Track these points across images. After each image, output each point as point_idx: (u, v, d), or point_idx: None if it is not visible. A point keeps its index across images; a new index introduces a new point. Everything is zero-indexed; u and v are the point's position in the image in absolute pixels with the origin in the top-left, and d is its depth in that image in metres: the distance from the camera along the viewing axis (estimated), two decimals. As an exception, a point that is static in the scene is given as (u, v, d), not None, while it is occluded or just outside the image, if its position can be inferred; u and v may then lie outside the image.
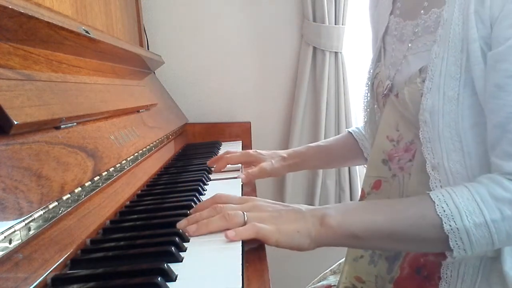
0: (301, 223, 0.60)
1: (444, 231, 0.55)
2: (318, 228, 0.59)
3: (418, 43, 0.68)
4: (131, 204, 0.74)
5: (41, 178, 0.49)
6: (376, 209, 0.62)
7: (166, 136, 1.13)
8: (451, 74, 0.60)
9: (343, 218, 0.59)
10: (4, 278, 0.39)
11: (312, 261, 1.67)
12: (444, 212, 0.55)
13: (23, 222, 0.43)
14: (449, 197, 0.56)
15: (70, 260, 0.50)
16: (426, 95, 0.62)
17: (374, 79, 0.80)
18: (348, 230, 0.59)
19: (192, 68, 1.60)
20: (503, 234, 0.54)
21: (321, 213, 0.60)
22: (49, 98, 0.58)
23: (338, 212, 0.60)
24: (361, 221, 0.59)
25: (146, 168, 0.91)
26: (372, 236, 0.59)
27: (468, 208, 0.55)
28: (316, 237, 0.59)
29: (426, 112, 0.62)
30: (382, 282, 0.76)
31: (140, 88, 1.10)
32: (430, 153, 0.62)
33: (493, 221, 0.54)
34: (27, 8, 0.52)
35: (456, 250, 0.56)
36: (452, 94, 0.60)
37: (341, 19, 1.51)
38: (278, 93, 1.64)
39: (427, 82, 0.62)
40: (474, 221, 0.54)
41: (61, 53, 0.69)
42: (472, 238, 0.54)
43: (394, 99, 0.71)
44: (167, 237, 0.55)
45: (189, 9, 1.57)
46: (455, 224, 0.55)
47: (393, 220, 0.59)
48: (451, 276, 0.64)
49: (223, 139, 1.52)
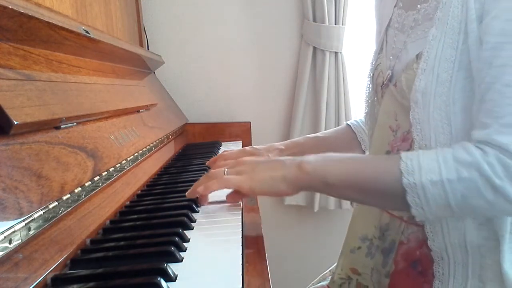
0: (278, 170, 0.64)
1: (403, 185, 0.57)
2: (294, 172, 0.63)
3: (417, 30, 0.68)
4: (131, 204, 0.74)
5: (41, 178, 0.49)
6: (351, 161, 0.65)
7: (166, 136, 1.13)
8: (446, 56, 0.60)
9: (319, 165, 0.63)
10: (4, 278, 0.39)
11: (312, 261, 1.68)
12: (406, 168, 0.57)
13: (23, 222, 0.43)
14: (416, 155, 0.58)
15: (70, 260, 0.50)
16: (419, 76, 0.62)
17: (375, 70, 0.80)
18: (321, 177, 0.62)
19: (192, 68, 1.60)
20: (458, 195, 0.55)
21: (299, 160, 0.64)
22: (49, 98, 0.58)
23: (315, 159, 0.64)
24: (334, 169, 0.63)
25: (146, 168, 0.91)
26: (342, 184, 0.62)
27: (429, 166, 0.56)
28: (292, 180, 0.63)
29: (418, 93, 0.62)
30: (378, 276, 0.76)
31: (140, 88, 1.10)
32: (419, 134, 0.63)
33: (449, 181, 0.55)
34: (27, 8, 0.52)
35: (414, 207, 0.57)
36: (445, 76, 0.60)
37: (341, 19, 1.51)
38: (278, 93, 1.65)
39: (422, 64, 0.62)
40: (431, 178, 0.56)
41: (61, 53, 0.69)
42: (428, 195, 0.56)
43: (393, 89, 0.72)
44: (167, 237, 0.55)
45: (189, 9, 1.57)
46: (413, 179, 0.56)
47: (362, 171, 0.62)
48: (443, 274, 0.64)
49: (223, 139, 1.52)
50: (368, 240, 0.78)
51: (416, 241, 0.69)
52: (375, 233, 0.76)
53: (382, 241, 0.75)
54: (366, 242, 0.79)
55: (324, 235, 1.74)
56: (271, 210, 1.71)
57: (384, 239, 0.75)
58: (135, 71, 1.13)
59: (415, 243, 0.69)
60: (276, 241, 1.71)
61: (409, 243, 0.70)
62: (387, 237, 0.74)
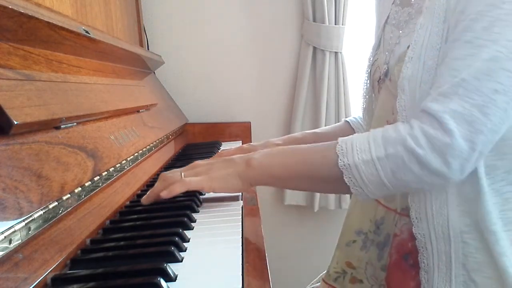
0: (230, 168, 0.69)
1: (338, 167, 0.60)
2: (244, 169, 0.68)
3: (410, 24, 0.70)
4: (131, 204, 0.74)
5: (41, 178, 0.49)
6: (291, 152, 0.69)
7: (166, 136, 1.13)
8: (433, 44, 0.62)
9: (264, 161, 0.68)
10: (4, 278, 0.39)
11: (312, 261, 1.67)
12: (341, 150, 0.60)
13: (23, 222, 0.43)
14: (351, 138, 0.61)
15: (70, 260, 0.50)
16: (407, 64, 0.63)
17: (372, 66, 0.81)
18: (268, 171, 0.67)
19: (192, 68, 1.60)
20: (388, 172, 0.58)
21: (247, 157, 0.69)
22: (49, 98, 0.58)
23: (260, 155, 0.68)
24: (278, 163, 0.67)
25: (146, 168, 0.91)
26: (288, 176, 0.66)
27: (361, 146, 0.59)
28: (244, 176, 0.68)
29: (405, 80, 0.63)
30: (372, 269, 0.76)
31: (140, 88, 1.10)
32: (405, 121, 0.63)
33: (378, 158, 0.58)
34: (27, 8, 0.52)
35: (352, 187, 0.60)
36: (431, 63, 0.61)
37: (341, 19, 1.51)
38: (278, 93, 1.65)
39: (409, 52, 0.63)
40: (362, 158, 0.59)
41: (61, 53, 0.69)
42: (362, 174, 0.59)
43: (388, 83, 0.73)
44: (167, 237, 0.55)
45: (189, 9, 1.57)
46: (347, 160, 0.59)
47: (301, 161, 0.65)
48: (427, 264, 0.65)
49: (223, 139, 1.52)
50: (363, 234, 0.79)
51: (408, 233, 0.69)
52: (370, 227, 0.77)
53: (377, 235, 0.76)
54: (361, 236, 0.79)
55: (324, 235, 1.74)
56: (271, 210, 1.71)
57: (379, 233, 0.75)
58: (135, 71, 1.13)
59: (407, 235, 0.69)
60: (276, 241, 1.71)
61: (402, 235, 0.70)
62: (382, 231, 0.74)
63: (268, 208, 1.69)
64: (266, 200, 1.69)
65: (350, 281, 0.81)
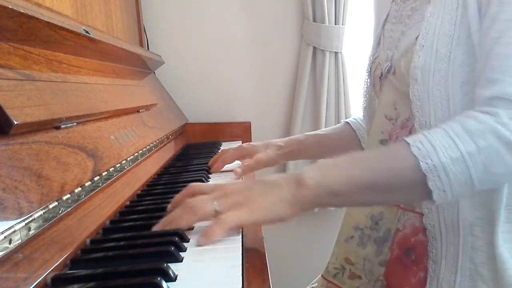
0: (275, 193, 0.57)
1: (421, 170, 0.53)
2: (295, 191, 0.56)
3: (415, 15, 0.69)
4: (131, 204, 0.74)
5: (41, 178, 0.49)
6: (352, 162, 0.59)
7: (166, 136, 1.13)
8: (445, 31, 0.60)
9: (320, 176, 0.57)
10: (4, 278, 0.39)
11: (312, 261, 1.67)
12: (419, 151, 0.54)
13: (23, 222, 0.43)
14: (423, 137, 0.55)
15: (70, 260, 0.50)
16: (418, 52, 0.62)
17: (372, 64, 0.81)
18: (327, 187, 0.56)
19: (192, 68, 1.60)
20: (479, 167, 0.53)
21: (296, 176, 0.58)
22: (49, 98, 0.58)
23: (314, 171, 0.58)
24: (339, 176, 0.57)
25: (146, 168, 0.91)
26: (351, 190, 0.57)
27: (443, 144, 0.53)
28: (295, 201, 0.56)
29: (417, 69, 0.62)
30: (370, 265, 0.76)
31: (140, 88, 1.10)
32: (419, 111, 0.63)
33: (469, 154, 0.52)
34: (27, 8, 0.52)
35: (435, 192, 0.53)
36: (444, 51, 0.60)
37: (341, 19, 1.51)
38: (278, 93, 1.65)
39: (420, 40, 0.62)
40: (450, 156, 0.53)
41: (61, 53, 0.69)
42: (450, 174, 0.53)
43: (392, 78, 0.72)
44: (167, 237, 0.55)
45: (189, 9, 1.57)
46: (431, 161, 0.53)
47: (370, 169, 0.57)
48: (436, 254, 0.64)
49: (223, 139, 1.52)
50: (360, 230, 0.78)
51: (411, 228, 0.69)
52: (366, 223, 0.76)
53: (375, 231, 0.75)
54: (358, 232, 0.79)
55: (324, 235, 1.74)
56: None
57: (377, 228, 0.75)
58: (135, 71, 1.13)
59: (410, 230, 0.69)
60: (276, 241, 1.71)
61: (405, 230, 0.70)
62: (381, 226, 0.74)
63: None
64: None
65: (349, 277, 0.80)
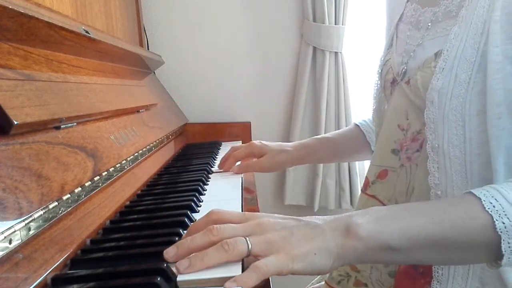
0: (318, 240, 0.48)
1: (495, 230, 0.47)
2: (341, 243, 0.48)
3: (437, 28, 0.66)
4: (131, 204, 0.74)
5: (41, 178, 0.49)
6: (414, 212, 0.51)
7: (166, 136, 1.13)
8: (467, 56, 0.58)
9: (375, 226, 0.49)
10: (4, 278, 0.39)
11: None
12: (494, 208, 0.48)
13: (23, 222, 0.43)
14: (496, 192, 0.49)
15: (70, 260, 0.50)
16: (437, 75, 0.60)
17: (384, 66, 0.79)
18: (382, 241, 0.48)
19: (192, 68, 1.60)
20: None
21: (345, 224, 0.49)
22: (49, 98, 0.58)
23: (367, 219, 0.50)
24: (398, 228, 0.49)
25: (146, 168, 0.91)
26: (412, 245, 0.49)
27: None
28: (340, 253, 0.48)
29: (434, 92, 0.60)
30: (378, 274, 0.75)
31: (140, 88, 1.10)
32: (432, 134, 0.61)
33: None
34: (27, 8, 0.52)
35: (507, 255, 0.47)
36: (464, 77, 0.58)
37: (341, 19, 1.51)
38: (278, 93, 1.65)
39: (441, 62, 0.60)
40: None
41: (61, 53, 0.69)
42: None
43: (405, 86, 0.70)
44: (167, 237, 0.55)
45: (189, 9, 1.57)
46: (508, 221, 0.47)
47: (437, 223, 0.49)
48: (442, 274, 0.63)
49: (223, 139, 1.52)
50: None
51: None
52: None
53: None
54: None
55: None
56: (271, 210, 1.71)
57: None
58: (135, 71, 1.13)
59: None
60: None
61: None
62: None
63: (268, 208, 1.69)
64: (266, 200, 1.69)
65: (354, 284, 0.80)
